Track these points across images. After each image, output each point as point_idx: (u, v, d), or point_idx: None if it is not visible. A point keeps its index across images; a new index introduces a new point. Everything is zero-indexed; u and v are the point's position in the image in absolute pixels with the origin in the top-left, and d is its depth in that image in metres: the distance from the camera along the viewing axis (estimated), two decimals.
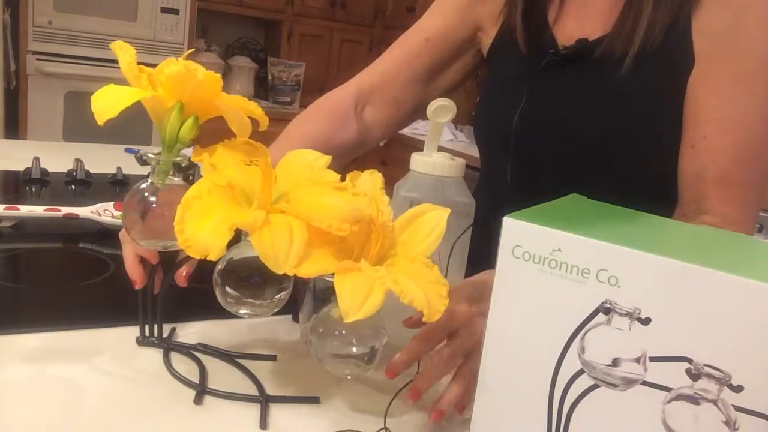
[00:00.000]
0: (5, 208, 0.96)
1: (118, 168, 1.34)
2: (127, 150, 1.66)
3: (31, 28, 2.88)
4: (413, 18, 3.53)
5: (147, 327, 0.66)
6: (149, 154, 0.59)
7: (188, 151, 0.59)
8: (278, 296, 0.60)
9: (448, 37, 0.92)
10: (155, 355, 0.64)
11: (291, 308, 0.69)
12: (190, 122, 0.57)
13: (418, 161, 0.69)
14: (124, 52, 0.58)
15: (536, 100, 0.82)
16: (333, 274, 0.51)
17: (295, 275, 0.51)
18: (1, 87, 2.81)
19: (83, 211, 1.00)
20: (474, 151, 0.99)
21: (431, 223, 0.58)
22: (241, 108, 0.59)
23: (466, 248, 0.70)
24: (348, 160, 0.92)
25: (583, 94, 0.80)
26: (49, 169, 1.28)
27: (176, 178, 0.60)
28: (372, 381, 0.64)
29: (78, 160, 1.32)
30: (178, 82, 0.55)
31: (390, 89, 0.93)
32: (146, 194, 0.59)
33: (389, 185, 0.73)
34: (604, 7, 0.79)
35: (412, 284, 0.50)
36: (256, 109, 0.60)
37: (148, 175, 0.60)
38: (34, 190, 1.23)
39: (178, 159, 0.59)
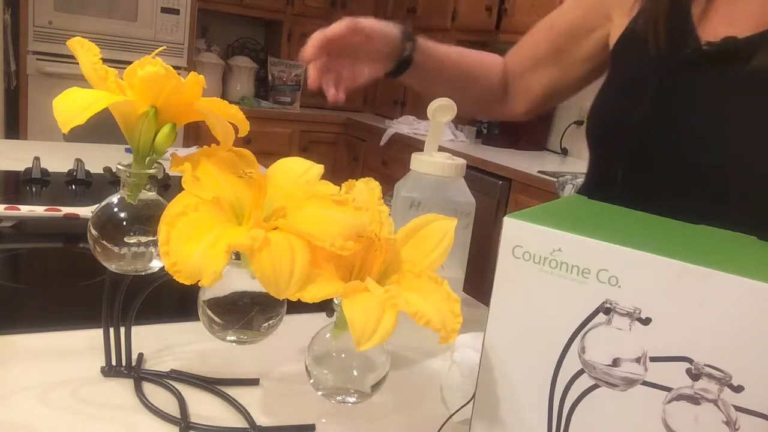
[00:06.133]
0: (5, 208, 0.95)
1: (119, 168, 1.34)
2: (127, 150, 1.66)
3: (31, 28, 2.88)
4: (414, 18, 3.56)
5: (114, 355, 0.59)
6: (118, 166, 0.52)
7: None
8: (269, 323, 0.55)
9: (574, 25, 0.91)
10: (123, 386, 0.57)
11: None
12: (167, 129, 0.50)
13: (418, 161, 0.68)
14: (85, 50, 0.50)
15: (664, 99, 0.74)
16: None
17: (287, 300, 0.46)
18: (1, 87, 2.81)
19: (83, 211, 1.00)
20: (474, 151, 0.99)
21: (437, 235, 0.53)
22: (221, 112, 0.52)
23: (466, 248, 0.70)
24: (488, 113, 1.05)
25: (729, 99, 0.69)
26: (50, 169, 1.28)
27: (151, 193, 0.54)
28: (374, 404, 0.59)
29: (78, 160, 1.31)
30: (154, 84, 0.49)
31: (522, 71, 0.97)
32: (116, 210, 0.53)
33: (390, 185, 0.73)
34: (760, 5, 0.70)
35: (425, 304, 0.46)
36: (237, 113, 0.53)
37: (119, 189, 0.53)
38: (34, 190, 1.22)
39: (153, 171, 0.52)
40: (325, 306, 0.49)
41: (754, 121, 0.68)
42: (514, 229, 0.42)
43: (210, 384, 0.59)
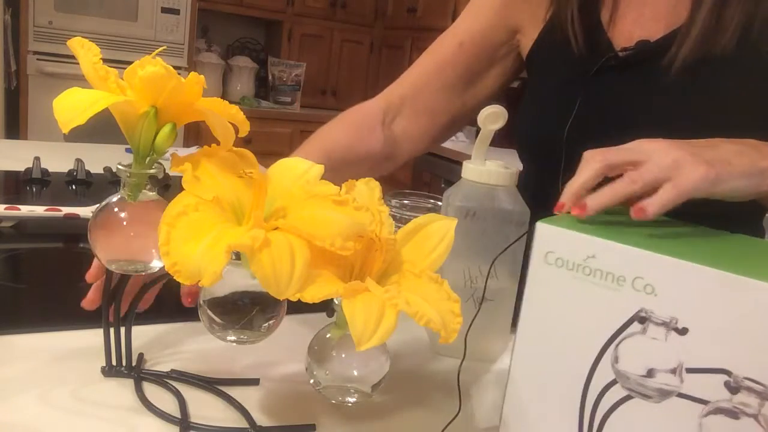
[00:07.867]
0: (6, 208, 0.95)
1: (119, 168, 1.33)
2: (128, 150, 1.65)
3: (31, 28, 2.87)
4: (414, 18, 3.55)
5: (114, 355, 0.58)
6: (119, 166, 0.52)
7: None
8: (269, 323, 0.55)
9: (483, 40, 0.88)
10: (123, 386, 0.57)
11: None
12: (168, 129, 0.51)
13: (470, 170, 0.66)
14: (86, 50, 0.50)
15: (591, 104, 0.76)
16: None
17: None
18: (1, 87, 2.80)
19: (84, 211, 0.99)
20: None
21: (437, 235, 0.53)
22: (221, 112, 0.52)
23: (520, 257, 0.67)
24: (376, 174, 0.86)
25: (647, 99, 0.73)
26: (50, 169, 1.28)
27: (151, 193, 0.54)
28: (374, 404, 0.59)
29: (78, 160, 1.31)
30: (154, 84, 0.49)
31: (421, 100, 0.90)
32: (116, 210, 0.53)
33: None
34: (666, 6, 0.73)
35: (425, 304, 0.47)
36: (237, 113, 0.53)
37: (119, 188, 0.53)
38: (34, 190, 1.22)
39: (153, 171, 0.52)
40: (325, 306, 0.49)
41: (672, 116, 0.71)
42: (546, 235, 0.41)
43: (210, 384, 0.59)
